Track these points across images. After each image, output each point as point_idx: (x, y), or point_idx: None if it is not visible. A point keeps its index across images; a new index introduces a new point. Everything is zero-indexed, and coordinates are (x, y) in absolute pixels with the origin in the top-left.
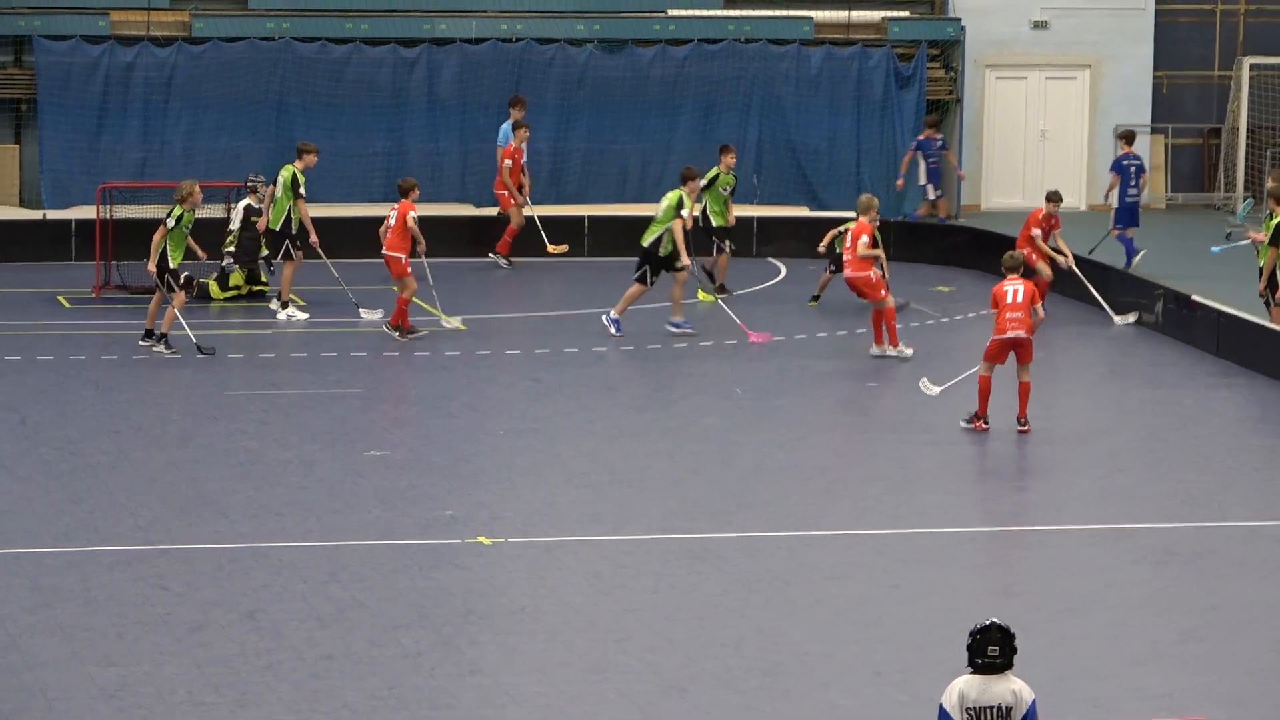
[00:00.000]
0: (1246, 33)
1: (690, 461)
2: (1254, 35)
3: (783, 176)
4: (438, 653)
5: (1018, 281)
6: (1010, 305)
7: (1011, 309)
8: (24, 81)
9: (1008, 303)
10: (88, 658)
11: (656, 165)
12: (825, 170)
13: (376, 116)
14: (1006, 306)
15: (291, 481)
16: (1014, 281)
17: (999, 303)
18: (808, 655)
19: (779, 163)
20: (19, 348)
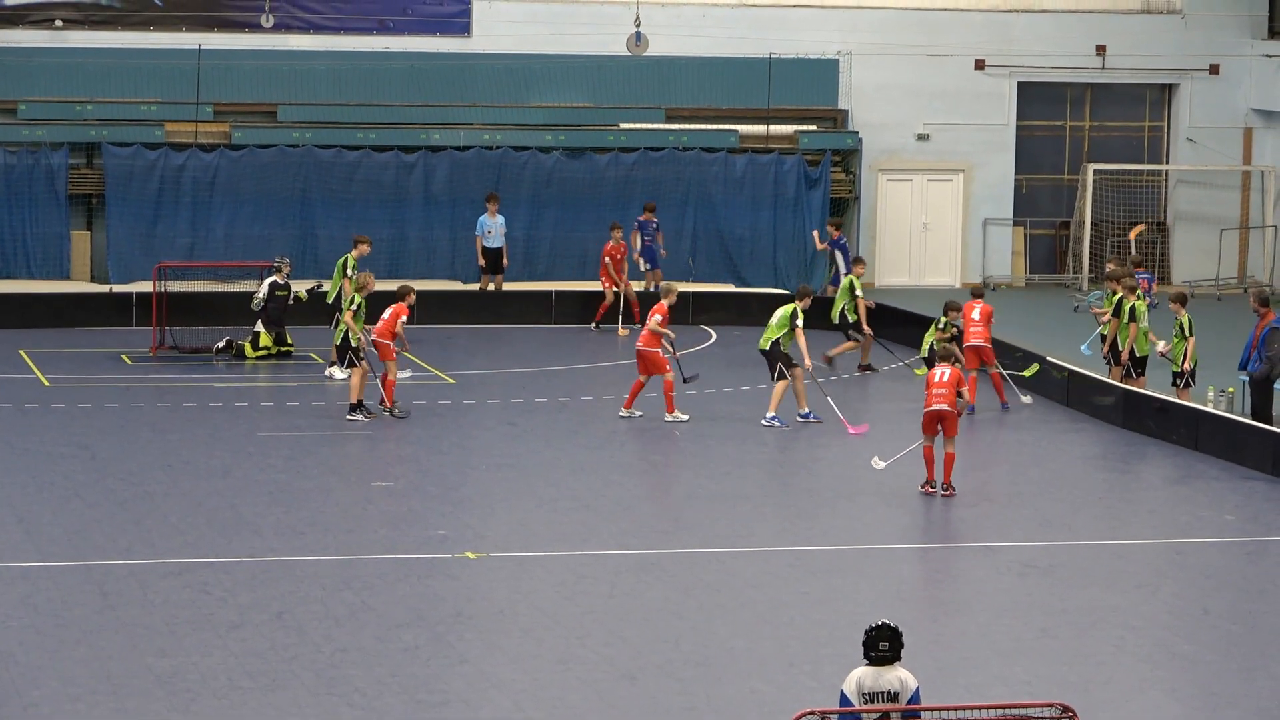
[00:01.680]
0: (1091, 144)
1: (638, 490)
2: (1097, 146)
3: (714, 259)
4: (432, 647)
5: (946, 367)
6: (937, 384)
7: (938, 386)
8: (94, 180)
9: (935, 381)
10: (145, 650)
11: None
12: (749, 254)
13: (382, 209)
14: (934, 384)
15: (312, 506)
16: (943, 367)
17: (929, 383)
18: (734, 650)
19: (710, 248)
20: (89, 397)
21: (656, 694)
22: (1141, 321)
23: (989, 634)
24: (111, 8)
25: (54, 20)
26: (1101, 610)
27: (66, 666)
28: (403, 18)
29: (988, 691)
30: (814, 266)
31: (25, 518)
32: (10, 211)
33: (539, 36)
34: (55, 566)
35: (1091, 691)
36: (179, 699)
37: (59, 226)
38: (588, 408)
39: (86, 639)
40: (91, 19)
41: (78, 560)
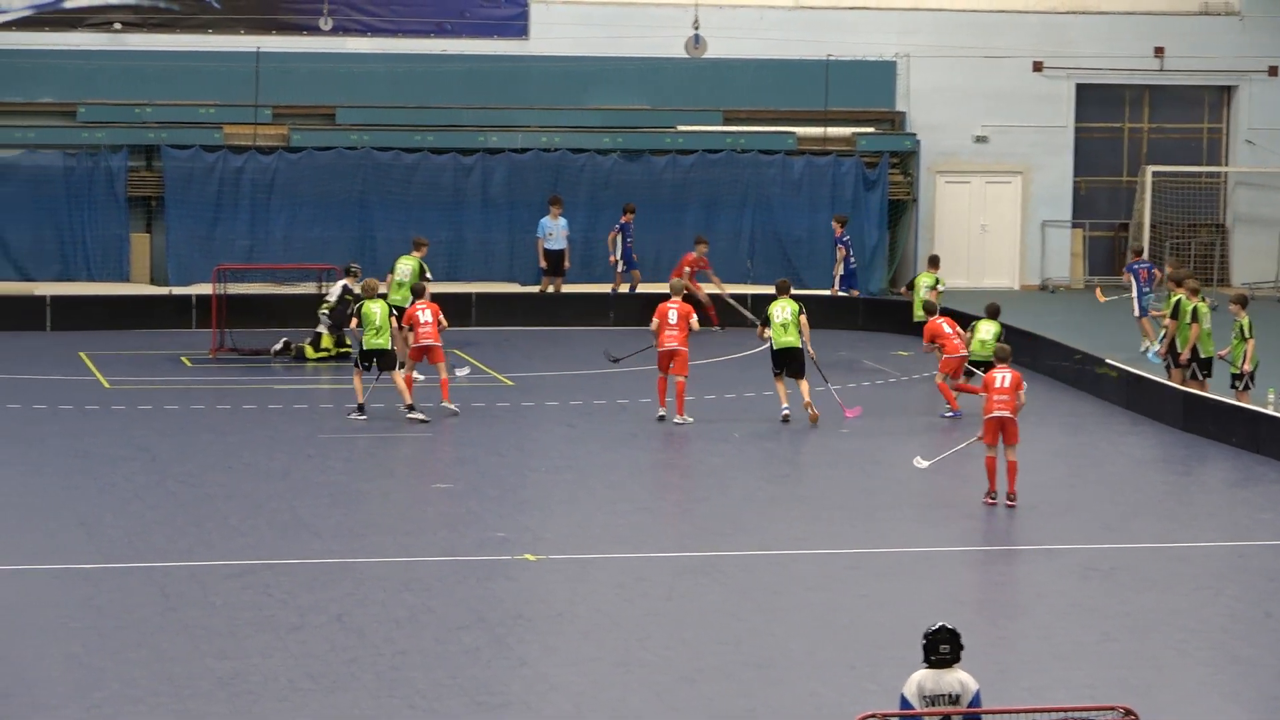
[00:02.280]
0: (1149, 146)
1: (697, 492)
2: (1155, 148)
3: (771, 261)
4: (492, 649)
5: (1006, 370)
6: (998, 389)
7: (999, 393)
8: (154, 182)
9: (996, 387)
10: (206, 651)
11: (668, 251)
12: (805, 256)
13: (440, 212)
14: (995, 390)
15: (372, 508)
16: (1003, 369)
17: (989, 387)
18: (793, 652)
19: (768, 250)
20: (149, 399)
21: (716, 696)
22: (1204, 323)
23: (1049, 637)
24: (170, 10)
25: (113, 23)
26: (1162, 613)
27: (128, 668)
28: (460, 20)
29: (1048, 694)
30: (872, 268)
31: (87, 520)
32: (70, 214)
33: (596, 39)
34: (117, 568)
35: (1152, 695)
36: (240, 701)
37: (119, 229)
38: (647, 410)
39: (148, 640)
40: (150, 22)
41: (139, 562)
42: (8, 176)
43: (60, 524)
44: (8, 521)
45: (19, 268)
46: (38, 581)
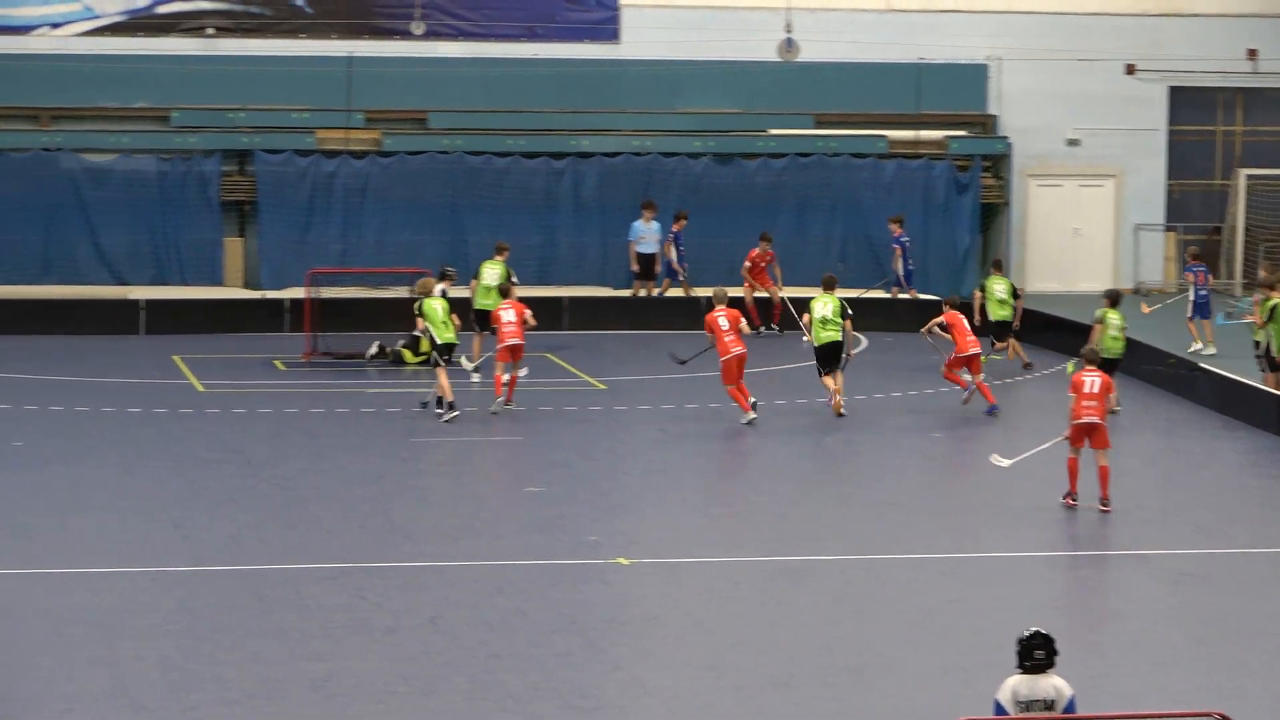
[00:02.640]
0: (1243, 149)
1: (789, 497)
2: (1249, 151)
3: (863, 265)
4: (585, 652)
5: (1095, 373)
6: (1087, 395)
7: (1088, 398)
8: (247, 187)
9: (1085, 391)
10: (301, 654)
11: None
12: None
13: (532, 216)
14: (1084, 395)
15: (465, 512)
16: (1092, 373)
17: (1078, 390)
18: (886, 657)
19: (859, 253)
20: (243, 402)
21: (809, 701)
22: None
23: (1143, 643)
24: (263, 15)
25: (206, 28)
26: (1258, 619)
27: (223, 671)
28: (551, 24)
29: (1143, 700)
30: (964, 272)
31: (181, 523)
32: (164, 218)
33: (687, 42)
34: (211, 571)
35: (1247, 701)
36: (334, 703)
37: (212, 233)
38: (738, 415)
39: (243, 643)
40: (243, 26)
41: (233, 565)
42: (103, 181)
43: (155, 527)
44: (104, 525)
45: (114, 272)
46: (133, 584)
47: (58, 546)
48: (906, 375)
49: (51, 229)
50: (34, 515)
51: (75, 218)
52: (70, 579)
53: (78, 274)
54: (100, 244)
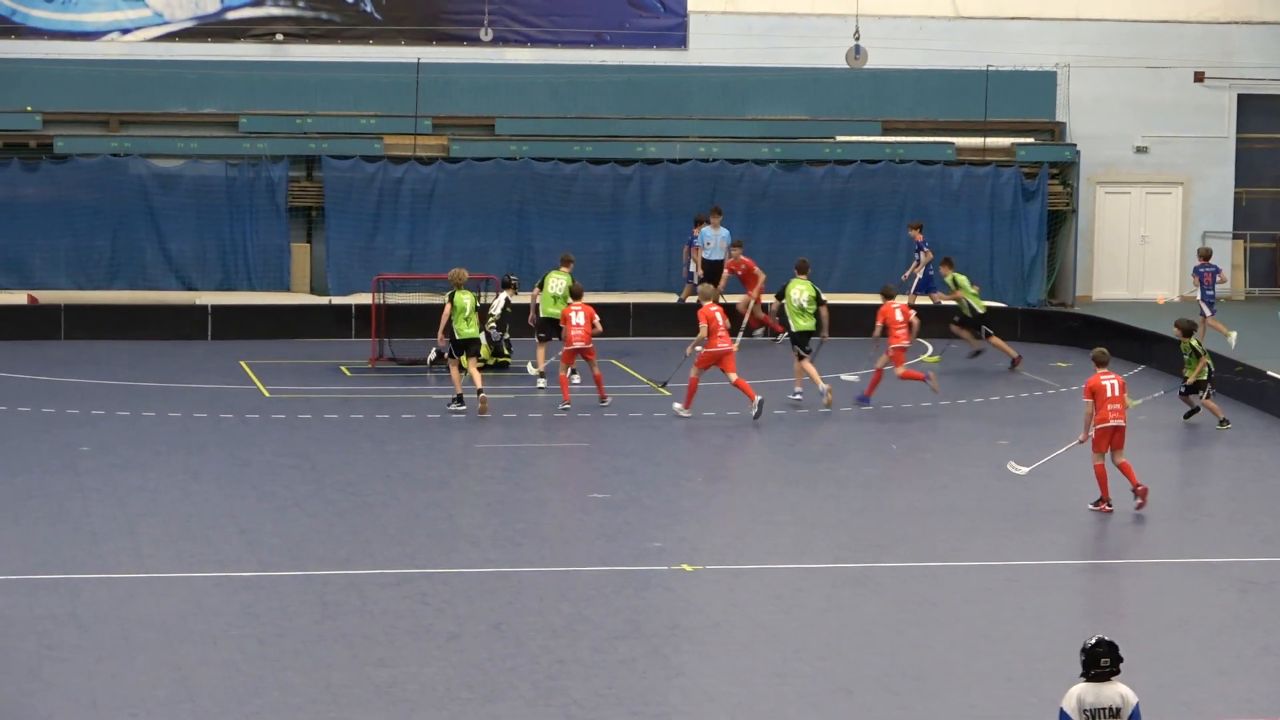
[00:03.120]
0: None
1: (854, 504)
2: None
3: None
4: (649, 659)
5: (1111, 375)
6: (1110, 399)
7: (1111, 401)
8: (314, 192)
9: (1108, 395)
10: (365, 660)
11: (826, 262)
12: (964, 267)
13: (598, 222)
14: (1106, 400)
15: (529, 518)
16: (1109, 375)
17: (1097, 394)
18: (951, 664)
19: None
20: (309, 408)
21: (873, 708)
22: None
23: (1209, 651)
24: (331, 21)
25: (275, 34)
26: None
27: (287, 676)
28: (620, 31)
29: (1208, 709)
30: (1030, 278)
31: (247, 528)
32: (232, 224)
33: (755, 49)
34: (276, 576)
35: None
36: (398, 709)
37: (279, 239)
38: (803, 420)
39: (307, 648)
40: (311, 32)
41: (298, 570)
42: (171, 187)
43: (220, 532)
44: (170, 529)
45: (181, 277)
46: (199, 589)
47: (124, 551)
48: (972, 381)
49: (120, 234)
50: (100, 520)
51: (143, 223)
52: (136, 584)
53: (146, 279)
54: (168, 249)
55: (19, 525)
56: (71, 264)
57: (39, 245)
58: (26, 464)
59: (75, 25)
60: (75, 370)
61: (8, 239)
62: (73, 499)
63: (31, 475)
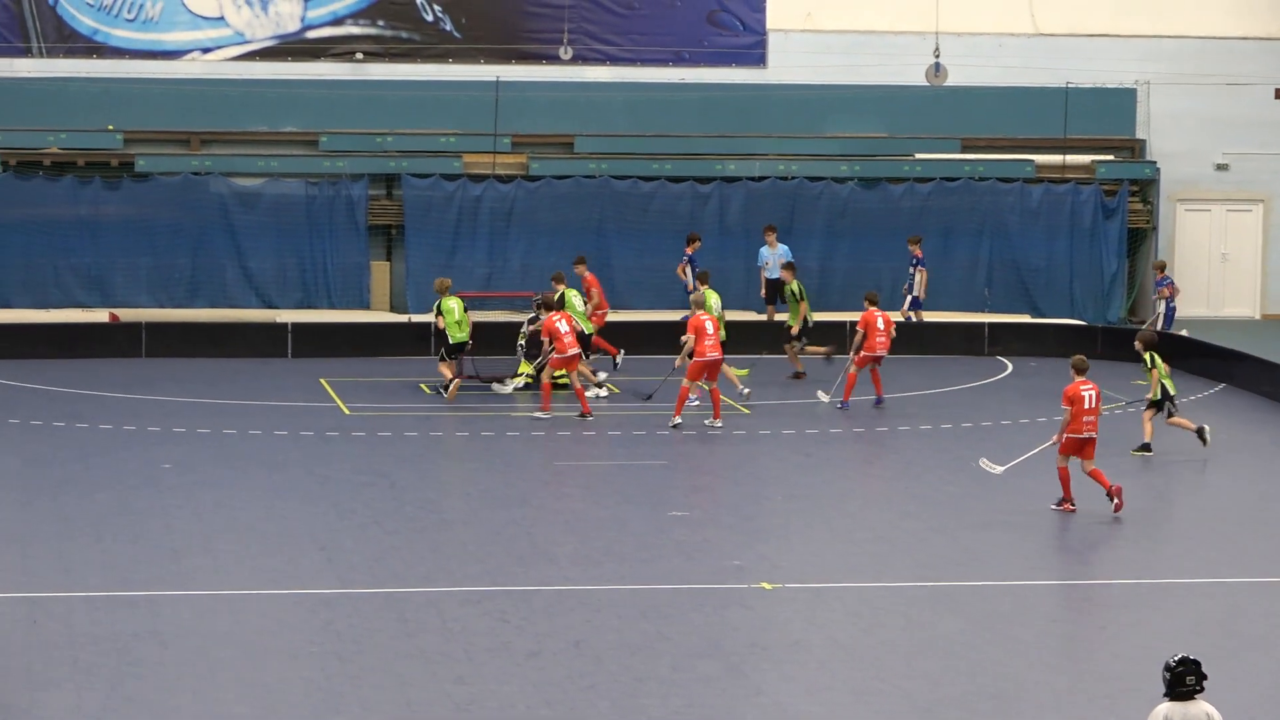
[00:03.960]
0: None
1: (933, 521)
2: None
3: (1009, 289)
4: (728, 677)
5: (1090, 385)
6: (1088, 410)
7: (1089, 413)
8: (394, 210)
9: (1086, 406)
10: (444, 677)
11: (905, 279)
12: (1044, 285)
13: (677, 240)
14: (1085, 410)
15: (608, 535)
16: (1088, 385)
17: (1075, 403)
18: (1031, 684)
19: (1005, 278)
20: (388, 425)
21: None
22: None
23: None
24: (411, 40)
25: (355, 53)
26: None
27: (367, 693)
28: (699, 49)
29: None
30: (1110, 296)
31: (327, 545)
32: (312, 242)
33: (834, 67)
34: (356, 594)
35: None
36: None
37: (359, 257)
38: (882, 439)
39: (386, 665)
40: (391, 51)
41: (378, 587)
42: (251, 205)
43: (301, 549)
44: (250, 546)
45: (261, 295)
46: (279, 606)
47: (204, 568)
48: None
49: (200, 252)
50: (181, 537)
51: (224, 241)
52: (216, 600)
53: (226, 297)
54: (248, 267)
55: (101, 542)
56: (153, 282)
57: (120, 264)
58: (108, 481)
59: (157, 45)
60: (156, 388)
61: (90, 257)
62: (154, 516)
63: (113, 492)
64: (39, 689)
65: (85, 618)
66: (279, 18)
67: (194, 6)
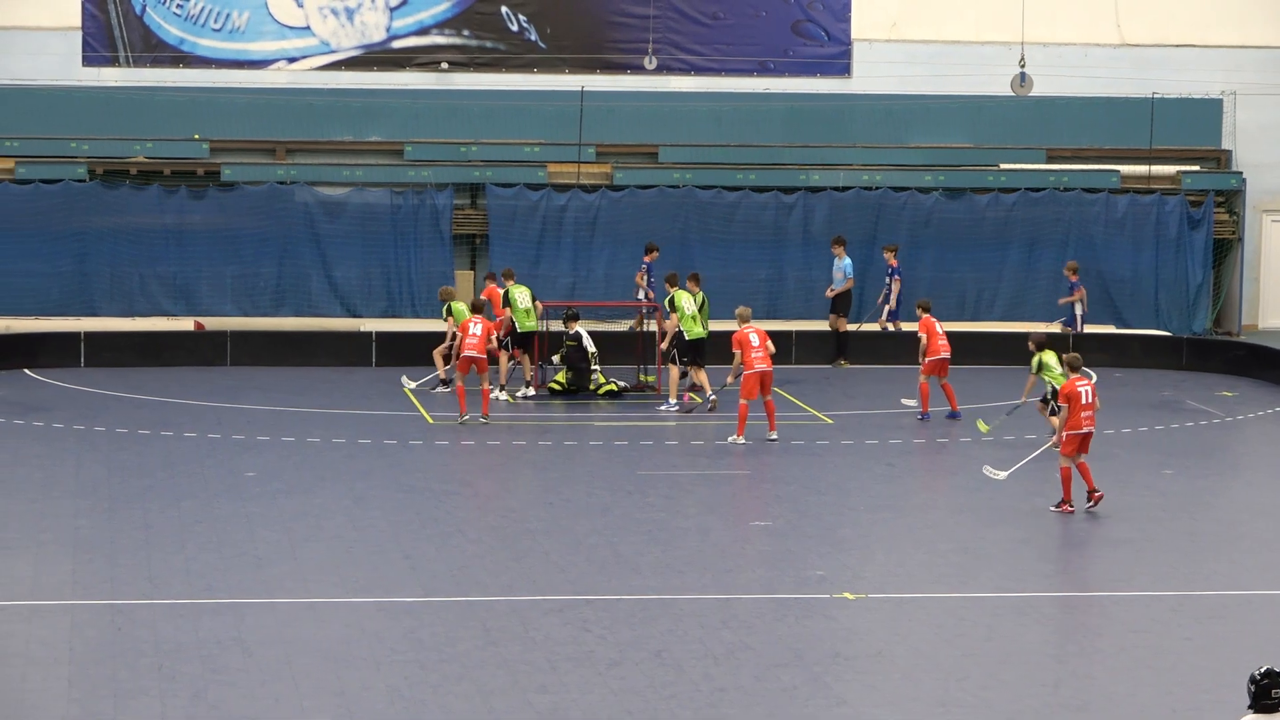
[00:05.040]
0: None
1: (1017, 533)
2: None
3: (1094, 300)
4: (810, 687)
5: (1086, 381)
6: (1086, 405)
7: (1087, 408)
8: (478, 220)
9: (1084, 402)
10: (527, 686)
11: (989, 290)
12: (1129, 295)
13: (760, 250)
14: (1083, 405)
15: (691, 545)
16: (1084, 381)
17: (1073, 400)
18: (1114, 695)
19: (1090, 288)
20: (471, 434)
21: None
22: None
23: None
24: (496, 50)
25: (440, 62)
26: None
27: (450, 701)
28: (783, 59)
29: None
30: (1195, 307)
31: (410, 553)
32: (396, 251)
33: (919, 77)
34: (439, 602)
35: None
36: None
37: (443, 266)
38: (966, 450)
39: (469, 674)
40: (476, 61)
41: (460, 596)
42: (336, 215)
43: (384, 557)
44: (335, 555)
45: (346, 304)
46: (362, 614)
47: (288, 576)
48: (1135, 411)
49: (286, 261)
50: (265, 545)
51: (309, 250)
52: (300, 608)
53: (310, 306)
54: (333, 276)
55: (185, 550)
56: (237, 291)
57: (206, 272)
58: (192, 489)
59: (242, 54)
60: (241, 396)
61: (175, 266)
62: (238, 524)
63: (197, 500)
64: (124, 697)
65: (170, 625)
66: (364, 27)
67: (280, 16)
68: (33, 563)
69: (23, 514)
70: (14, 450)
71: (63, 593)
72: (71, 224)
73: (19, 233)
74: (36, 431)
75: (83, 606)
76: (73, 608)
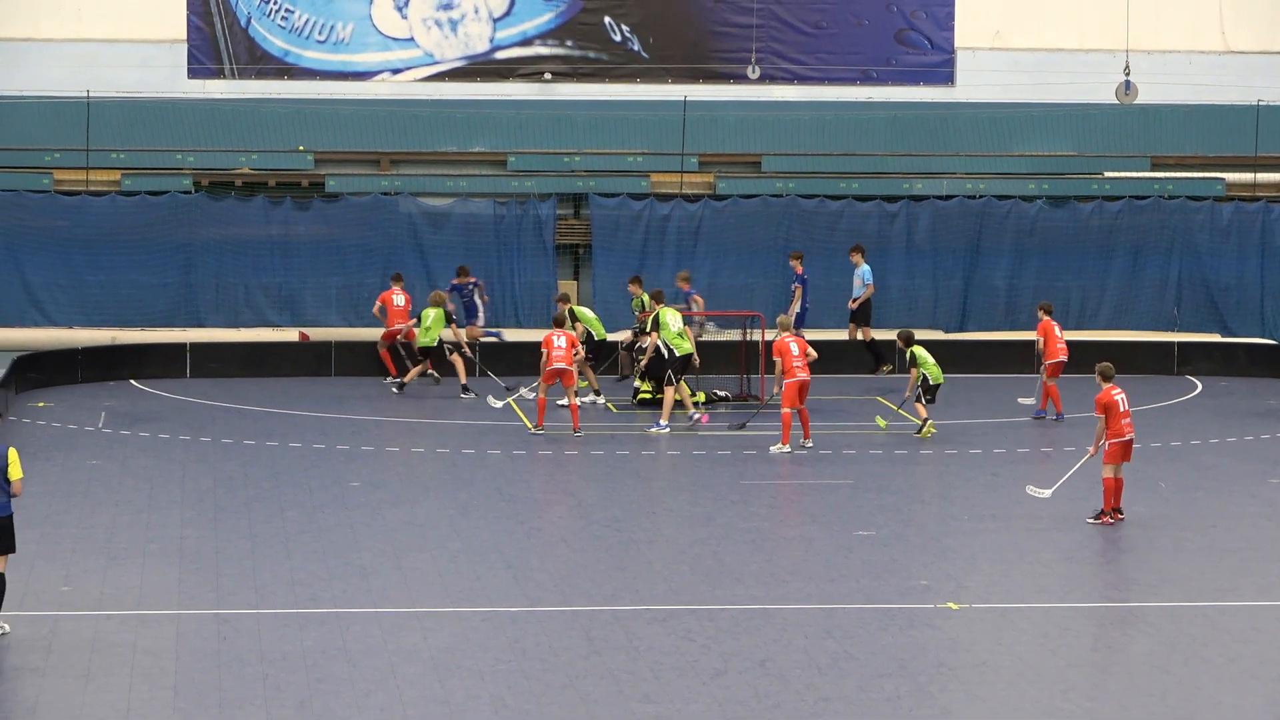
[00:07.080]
0: None
1: (1122, 542)
2: None
3: (1198, 308)
4: (914, 697)
5: (1120, 391)
6: (1124, 412)
7: (1125, 415)
8: (581, 230)
9: (1121, 410)
10: (630, 695)
11: (1094, 298)
12: (1234, 304)
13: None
14: (1122, 413)
15: (794, 555)
16: (1118, 391)
17: (1110, 409)
18: (1221, 705)
19: (1195, 297)
20: (576, 443)
21: None
22: None
23: None
24: (599, 60)
25: (543, 73)
26: None
27: (554, 710)
28: (886, 68)
29: None
30: None
31: (514, 563)
32: (500, 261)
33: (1023, 85)
34: (542, 612)
35: None
36: None
37: (546, 276)
38: (1070, 459)
39: (573, 684)
40: (579, 71)
41: (564, 606)
42: (440, 225)
43: (488, 567)
44: (439, 564)
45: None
46: (467, 624)
47: (392, 586)
48: (1240, 420)
49: (390, 272)
50: (369, 555)
51: (413, 260)
52: (405, 618)
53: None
54: (438, 286)
55: (290, 559)
56: (342, 301)
57: (310, 283)
58: (297, 499)
59: (347, 66)
60: (345, 406)
61: (280, 277)
62: (342, 534)
63: (302, 510)
64: (229, 706)
65: (274, 635)
66: (468, 38)
67: (384, 28)
68: (139, 573)
69: (130, 524)
70: (121, 461)
71: (169, 602)
72: (177, 235)
73: (126, 244)
74: (143, 442)
75: (189, 616)
76: (179, 617)
